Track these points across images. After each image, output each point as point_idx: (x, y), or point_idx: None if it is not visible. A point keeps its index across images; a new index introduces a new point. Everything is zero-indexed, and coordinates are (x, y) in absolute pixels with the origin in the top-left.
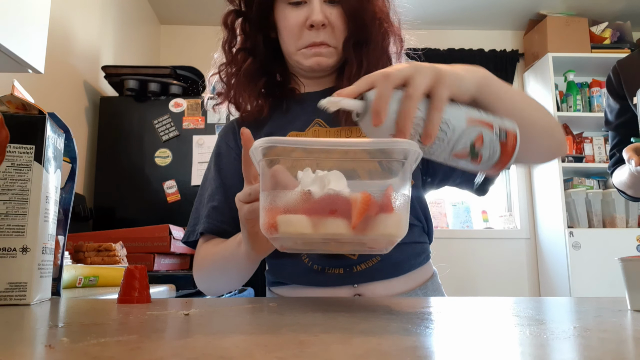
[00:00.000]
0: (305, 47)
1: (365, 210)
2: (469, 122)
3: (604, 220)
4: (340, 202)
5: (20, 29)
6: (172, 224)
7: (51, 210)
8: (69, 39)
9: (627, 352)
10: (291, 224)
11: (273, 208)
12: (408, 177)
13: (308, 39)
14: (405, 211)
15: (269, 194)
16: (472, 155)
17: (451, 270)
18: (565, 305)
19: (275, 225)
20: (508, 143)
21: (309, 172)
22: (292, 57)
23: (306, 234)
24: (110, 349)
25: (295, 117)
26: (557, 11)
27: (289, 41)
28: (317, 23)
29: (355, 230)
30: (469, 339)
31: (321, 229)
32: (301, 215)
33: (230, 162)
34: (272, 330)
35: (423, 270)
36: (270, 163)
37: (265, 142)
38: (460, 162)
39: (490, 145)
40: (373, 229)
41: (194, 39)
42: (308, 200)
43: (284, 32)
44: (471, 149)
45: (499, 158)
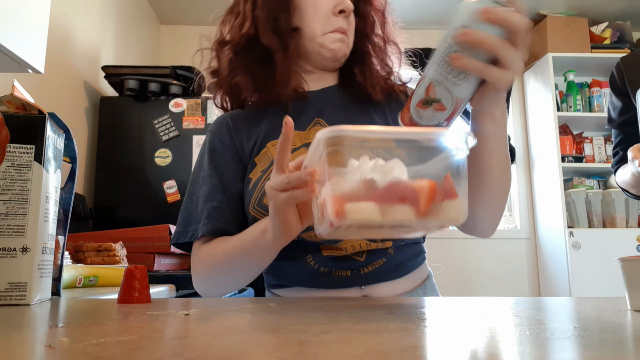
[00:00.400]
0: (332, 32)
1: (433, 197)
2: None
3: (604, 220)
4: (408, 189)
5: (20, 29)
6: (172, 224)
7: (51, 210)
8: (69, 39)
9: (627, 352)
10: (361, 211)
11: (339, 196)
12: (464, 162)
13: (335, 23)
14: (465, 196)
15: (336, 182)
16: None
17: (451, 270)
18: (565, 305)
19: (343, 213)
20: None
21: (366, 160)
22: (315, 40)
23: (376, 220)
24: (110, 349)
25: (296, 116)
26: (557, 11)
27: (315, 23)
28: (349, 9)
29: (424, 216)
30: (469, 339)
31: (390, 215)
32: (371, 202)
33: (227, 160)
34: (272, 330)
35: (421, 270)
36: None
37: (330, 132)
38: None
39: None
40: (439, 214)
41: (194, 39)
42: (375, 188)
43: (311, 14)
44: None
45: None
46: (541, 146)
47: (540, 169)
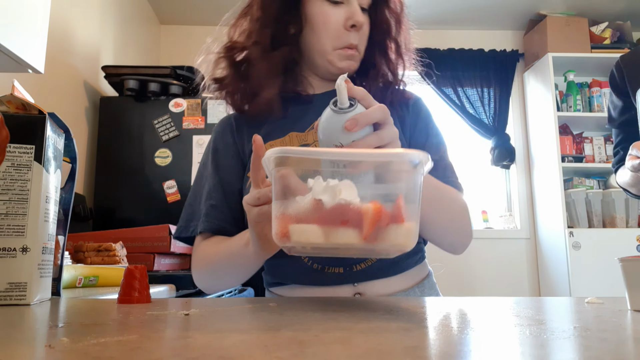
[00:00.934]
0: (342, 48)
1: (377, 221)
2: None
3: (604, 220)
4: (352, 212)
5: (20, 29)
6: (172, 224)
7: (51, 210)
8: (69, 39)
9: (627, 352)
10: (303, 234)
11: (285, 216)
12: (418, 186)
13: (346, 39)
14: (416, 221)
15: (282, 202)
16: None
17: (451, 270)
18: (565, 305)
19: (288, 234)
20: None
21: (320, 181)
22: (325, 56)
23: (318, 244)
24: (110, 349)
25: (296, 118)
26: (557, 11)
27: (325, 39)
28: (360, 24)
29: (367, 240)
30: (469, 339)
31: (333, 238)
32: (313, 225)
33: (228, 160)
34: (272, 330)
35: (419, 269)
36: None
37: (277, 152)
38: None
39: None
40: (384, 239)
41: (194, 39)
42: (320, 210)
43: (322, 29)
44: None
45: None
46: (541, 146)
47: (540, 169)
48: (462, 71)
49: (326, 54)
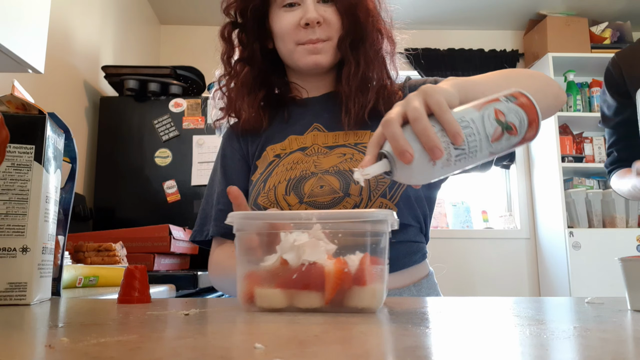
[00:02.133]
0: (302, 44)
1: (339, 285)
2: (478, 107)
3: (604, 220)
4: (315, 275)
5: (20, 29)
6: (172, 224)
7: (51, 210)
8: (69, 39)
9: (627, 352)
10: (266, 299)
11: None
12: (384, 246)
13: (304, 36)
14: (380, 282)
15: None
16: (507, 128)
17: (451, 270)
18: (565, 305)
19: (253, 298)
20: (523, 102)
21: (288, 237)
22: (290, 57)
23: (282, 308)
24: (110, 349)
25: (295, 122)
26: (557, 11)
27: (285, 41)
28: (312, 20)
29: (329, 304)
30: (469, 339)
31: (295, 302)
32: (276, 290)
33: (235, 163)
34: (272, 330)
35: (417, 268)
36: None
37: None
38: (502, 143)
39: (512, 111)
40: (347, 302)
41: (194, 39)
42: (283, 273)
43: (280, 34)
44: (500, 124)
45: (528, 117)
46: (541, 146)
47: (540, 169)
48: (462, 71)
49: (291, 54)
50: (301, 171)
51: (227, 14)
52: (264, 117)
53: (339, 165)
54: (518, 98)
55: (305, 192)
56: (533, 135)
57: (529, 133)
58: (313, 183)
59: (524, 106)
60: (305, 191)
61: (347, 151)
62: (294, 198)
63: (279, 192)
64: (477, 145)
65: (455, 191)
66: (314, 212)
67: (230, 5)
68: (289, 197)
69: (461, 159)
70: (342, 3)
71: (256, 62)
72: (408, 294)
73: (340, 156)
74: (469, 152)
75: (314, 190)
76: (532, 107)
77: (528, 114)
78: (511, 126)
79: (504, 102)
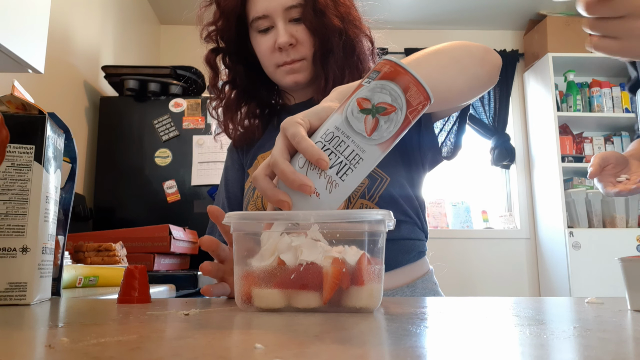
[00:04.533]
0: (280, 66)
1: (337, 285)
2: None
3: (604, 220)
4: (312, 275)
5: (20, 29)
6: (172, 224)
7: (51, 210)
8: (69, 39)
9: (627, 352)
10: (264, 299)
11: (248, 277)
12: (381, 246)
13: (280, 59)
14: (378, 282)
15: (245, 262)
16: (378, 111)
17: (451, 270)
18: (565, 305)
19: (250, 298)
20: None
21: (285, 239)
22: (273, 77)
23: (280, 308)
24: (110, 349)
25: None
26: (557, 11)
27: (266, 64)
28: (284, 45)
29: (327, 304)
30: (469, 339)
31: (293, 302)
32: (273, 290)
33: (235, 174)
34: (272, 330)
35: (412, 267)
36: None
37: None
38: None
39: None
40: (345, 302)
41: (194, 39)
42: (280, 273)
43: (260, 58)
44: (368, 112)
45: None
46: (541, 146)
47: (540, 169)
48: None
49: (272, 75)
50: None
51: (209, 41)
52: (257, 128)
53: None
54: (380, 70)
55: None
56: (422, 100)
57: (413, 100)
58: None
59: (390, 75)
60: None
61: None
62: None
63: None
64: (354, 149)
65: (455, 191)
66: (312, 212)
67: (210, 34)
68: None
69: (346, 171)
70: (307, 20)
71: (241, 83)
72: (401, 295)
73: None
74: (350, 161)
75: None
76: (399, 71)
77: (398, 81)
78: (384, 106)
79: (365, 86)
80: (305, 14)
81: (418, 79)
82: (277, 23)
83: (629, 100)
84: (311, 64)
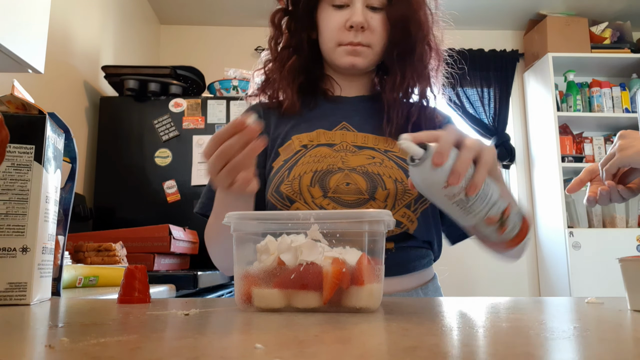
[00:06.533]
0: (343, 45)
1: (337, 285)
2: (501, 193)
3: (604, 220)
4: (312, 275)
5: (20, 29)
6: (172, 224)
7: (51, 210)
8: (69, 39)
9: (627, 352)
10: (264, 299)
11: (248, 277)
12: (381, 246)
13: (346, 38)
14: (378, 282)
15: (245, 262)
16: (500, 223)
17: (451, 270)
18: (565, 305)
19: (250, 298)
20: (523, 223)
21: (285, 239)
22: (330, 55)
23: (280, 308)
24: (110, 349)
25: (324, 116)
26: (557, 11)
27: (328, 39)
28: (357, 24)
29: (327, 304)
30: (469, 339)
31: (293, 302)
32: (273, 290)
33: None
34: (272, 330)
35: (425, 272)
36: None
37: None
38: (488, 228)
39: (514, 219)
40: (345, 302)
41: (194, 39)
42: (280, 273)
43: (325, 31)
44: (500, 217)
45: (517, 234)
46: (541, 146)
47: (540, 169)
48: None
49: (331, 52)
50: (328, 165)
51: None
52: (297, 101)
53: (367, 166)
54: (524, 221)
55: (330, 186)
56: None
57: (504, 242)
58: (339, 179)
59: (523, 225)
60: (331, 185)
61: (376, 155)
62: (319, 191)
63: (304, 183)
64: (476, 209)
65: None
66: (311, 212)
67: None
68: (314, 189)
69: (459, 205)
70: (393, 13)
71: (302, 51)
72: (415, 296)
73: (369, 158)
74: (467, 207)
75: (339, 186)
76: (525, 231)
77: (520, 232)
78: (504, 225)
79: (515, 209)
80: (395, 5)
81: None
82: (356, 2)
83: (629, 100)
84: (374, 54)
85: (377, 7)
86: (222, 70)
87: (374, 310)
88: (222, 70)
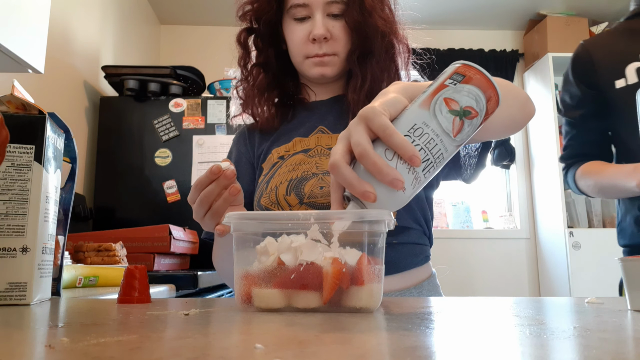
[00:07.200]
0: (310, 57)
1: (337, 285)
2: (426, 104)
3: (604, 220)
4: (312, 275)
5: (20, 29)
6: (172, 224)
7: (51, 210)
8: (69, 39)
9: (627, 352)
10: (264, 299)
11: (248, 277)
12: (381, 246)
13: (312, 50)
14: (378, 282)
15: (245, 262)
16: (465, 115)
17: (451, 270)
18: (565, 305)
19: (250, 298)
20: (471, 75)
21: (285, 239)
22: (299, 67)
23: (280, 308)
24: (110, 349)
25: (300, 124)
26: (557, 11)
27: (295, 53)
28: (319, 37)
29: (327, 304)
30: (469, 339)
31: (293, 302)
32: (274, 290)
33: (241, 166)
34: (272, 330)
35: (419, 270)
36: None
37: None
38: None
39: (463, 92)
40: (345, 302)
41: (194, 39)
42: (281, 272)
43: (291, 46)
44: (457, 113)
45: (483, 91)
46: (541, 146)
47: (540, 169)
48: None
49: (299, 65)
50: (303, 172)
51: (243, 20)
52: (276, 116)
53: None
54: (465, 73)
55: (305, 192)
56: (494, 107)
57: (489, 110)
58: (313, 184)
59: (474, 80)
60: (306, 192)
61: None
62: (294, 198)
63: (280, 193)
64: (441, 148)
65: (455, 191)
66: (312, 212)
67: (245, 13)
68: (290, 198)
69: (430, 169)
70: (351, 18)
71: (271, 66)
72: (409, 296)
73: None
74: (435, 160)
75: (313, 190)
76: (482, 77)
77: (482, 88)
78: (469, 110)
79: (451, 86)
80: (349, 12)
81: (499, 93)
82: (316, 14)
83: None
84: (342, 61)
85: (337, 14)
86: (222, 70)
87: (374, 310)
88: (222, 70)
